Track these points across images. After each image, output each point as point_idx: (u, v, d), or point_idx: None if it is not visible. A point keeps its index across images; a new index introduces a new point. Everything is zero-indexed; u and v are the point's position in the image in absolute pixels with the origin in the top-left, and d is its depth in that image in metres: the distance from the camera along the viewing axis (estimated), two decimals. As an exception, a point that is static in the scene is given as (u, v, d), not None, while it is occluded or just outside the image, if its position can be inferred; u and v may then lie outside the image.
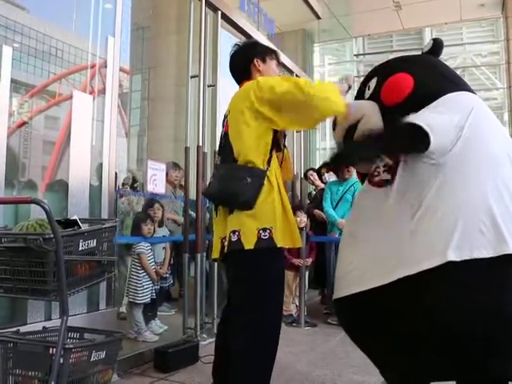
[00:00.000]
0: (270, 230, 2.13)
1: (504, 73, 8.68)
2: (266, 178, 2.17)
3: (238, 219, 2.16)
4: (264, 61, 2.46)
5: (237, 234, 2.15)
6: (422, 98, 1.92)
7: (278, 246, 2.14)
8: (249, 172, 2.16)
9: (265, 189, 2.16)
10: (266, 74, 2.43)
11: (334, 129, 2.26)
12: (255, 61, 2.44)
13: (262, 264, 2.16)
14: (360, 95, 2.24)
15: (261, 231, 2.11)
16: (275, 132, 2.24)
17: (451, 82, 2.03)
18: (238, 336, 2.18)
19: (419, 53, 2.34)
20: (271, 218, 2.14)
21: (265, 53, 2.49)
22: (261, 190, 2.15)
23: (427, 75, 2.03)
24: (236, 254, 2.17)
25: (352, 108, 2.10)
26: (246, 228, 2.14)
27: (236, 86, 2.54)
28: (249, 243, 2.11)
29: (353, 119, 2.07)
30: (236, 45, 2.56)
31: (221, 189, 2.25)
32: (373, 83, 2.15)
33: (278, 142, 2.32)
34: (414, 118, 1.79)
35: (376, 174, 2.03)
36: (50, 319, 2.72)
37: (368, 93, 2.16)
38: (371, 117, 2.03)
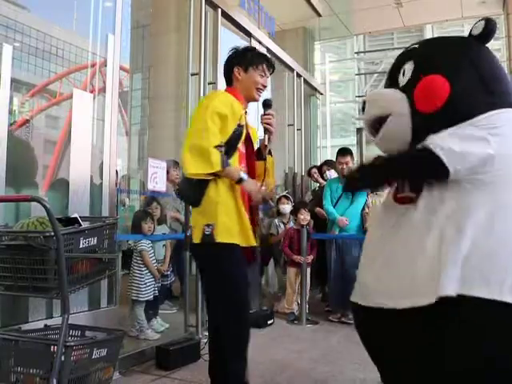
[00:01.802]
0: (213, 226, 2.24)
1: (506, 70, 8.67)
2: (212, 179, 2.26)
3: (193, 216, 2.40)
4: (246, 70, 2.46)
5: (191, 229, 2.38)
6: (454, 114, 1.72)
7: (217, 241, 2.23)
8: None
9: (211, 188, 2.28)
10: (246, 84, 2.46)
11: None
12: (235, 69, 2.47)
13: (210, 258, 2.31)
14: (393, 81, 1.96)
15: (205, 227, 2.26)
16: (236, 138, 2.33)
17: (491, 94, 1.76)
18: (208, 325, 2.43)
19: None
20: (214, 215, 2.26)
21: (249, 63, 2.46)
22: (206, 189, 2.28)
23: (465, 82, 1.76)
24: (192, 248, 2.42)
25: None
26: (196, 224, 2.33)
27: None
28: (196, 238, 2.29)
29: (380, 113, 1.89)
30: (232, 49, 2.58)
31: (180, 188, 2.50)
32: (408, 69, 1.88)
33: (261, 153, 2.50)
34: (434, 141, 1.64)
35: (400, 189, 1.85)
36: (52, 317, 2.72)
37: (402, 80, 1.89)
38: (399, 118, 1.82)
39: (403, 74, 1.91)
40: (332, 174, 5.51)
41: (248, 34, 5.06)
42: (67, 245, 2.06)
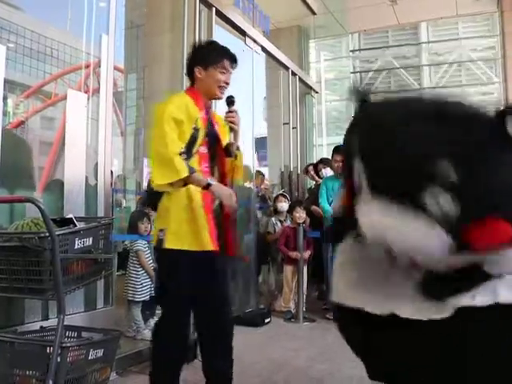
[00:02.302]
0: (164, 232, 2.26)
1: (500, 67, 8.68)
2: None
3: (154, 219, 2.46)
4: (206, 69, 2.40)
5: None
6: None
7: (166, 247, 2.24)
8: None
9: (165, 193, 2.30)
10: (206, 83, 2.41)
11: None
12: (196, 69, 2.42)
13: (161, 261, 2.36)
14: (415, 200, 1.29)
15: (159, 232, 2.29)
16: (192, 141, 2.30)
17: None
18: None
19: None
20: (166, 220, 2.28)
21: (208, 61, 2.40)
22: (161, 194, 2.31)
23: None
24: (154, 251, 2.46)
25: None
26: (155, 227, 2.39)
27: (232, 82, 2.53)
28: (154, 241, 2.34)
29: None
30: (192, 47, 2.58)
31: (147, 192, 2.52)
32: (445, 201, 1.24)
33: (228, 150, 2.48)
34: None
35: None
36: (48, 318, 2.71)
37: (435, 209, 1.25)
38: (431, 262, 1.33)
39: (437, 203, 1.28)
40: (328, 172, 5.52)
41: (242, 32, 5.05)
42: (62, 245, 2.05)
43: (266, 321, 4.60)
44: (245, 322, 4.48)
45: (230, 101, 2.49)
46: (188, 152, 2.27)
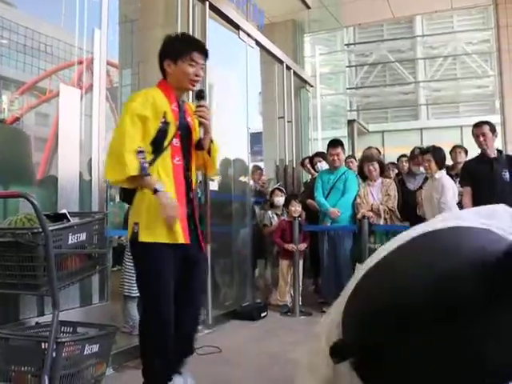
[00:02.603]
0: (139, 225, 2.29)
1: (495, 60, 8.68)
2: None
3: (129, 213, 2.44)
4: (175, 63, 2.39)
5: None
6: None
7: (140, 240, 2.27)
8: None
9: (139, 187, 2.31)
10: (177, 76, 2.41)
11: None
12: (165, 63, 2.44)
13: (137, 255, 2.36)
14: None
15: (134, 225, 2.30)
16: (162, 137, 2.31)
17: None
18: None
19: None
20: (140, 214, 2.30)
21: (177, 54, 2.39)
22: (135, 189, 2.33)
23: None
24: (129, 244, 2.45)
25: None
26: (130, 221, 2.37)
27: (227, 77, 2.53)
28: (129, 235, 2.34)
29: None
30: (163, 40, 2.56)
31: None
32: None
33: (201, 143, 2.48)
34: None
35: None
36: (43, 314, 2.71)
37: None
38: None
39: None
40: (323, 165, 5.52)
41: (236, 26, 5.04)
42: (56, 241, 2.04)
43: (263, 315, 4.61)
44: (241, 316, 4.50)
45: (200, 95, 2.50)
46: (159, 145, 2.31)
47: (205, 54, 2.46)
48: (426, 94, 13.32)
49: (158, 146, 2.30)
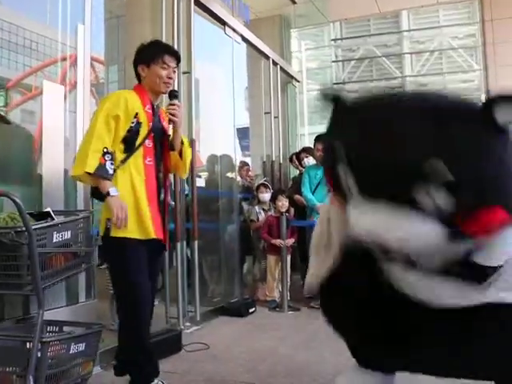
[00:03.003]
0: (111, 221, 2.31)
1: (480, 55, 8.74)
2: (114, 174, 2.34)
3: (101, 210, 2.45)
4: (148, 66, 2.53)
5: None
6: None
7: (112, 235, 2.31)
8: None
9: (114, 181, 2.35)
10: (150, 79, 2.54)
11: None
12: (139, 68, 2.56)
13: (109, 250, 2.40)
14: (402, 192, 1.35)
15: (107, 221, 2.34)
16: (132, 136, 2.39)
17: None
18: None
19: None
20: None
21: (149, 58, 2.53)
22: None
23: None
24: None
25: None
26: (102, 217, 2.41)
27: (213, 72, 2.56)
28: (101, 230, 2.37)
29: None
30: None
31: None
32: (441, 195, 1.29)
33: (171, 143, 2.60)
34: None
35: None
36: (29, 314, 2.68)
37: (427, 203, 1.31)
38: (425, 252, 1.41)
39: (430, 199, 1.30)
40: (310, 161, 5.52)
41: (222, 22, 5.01)
42: (40, 240, 2.03)
43: (251, 310, 4.61)
44: (229, 312, 4.50)
45: (174, 94, 2.60)
46: (130, 145, 2.38)
47: (176, 57, 2.59)
48: (412, 88, 13.33)
49: (129, 145, 2.38)
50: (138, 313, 2.39)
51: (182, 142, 2.65)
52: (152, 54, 2.54)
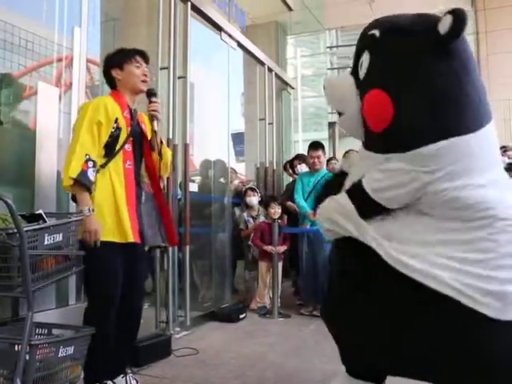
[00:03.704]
0: None
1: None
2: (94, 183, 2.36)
3: None
4: (121, 68, 2.57)
5: None
6: (394, 140, 1.74)
7: None
8: None
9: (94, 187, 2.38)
10: (127, 80, 2.57)
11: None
12: (113, 72, 2.58)
13: (89, 253, 2.34)
14: (355, 67, 1.95)
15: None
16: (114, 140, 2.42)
17: (436, 121, 1.69)
18: None
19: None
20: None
21: (121, 60, 2.57)
22: None
23: (410, 106, 1.70)
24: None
25: None
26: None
27: (208, 77, 2.58)
28: (80, 233, 2.34)
29: (335, 107, 2.06)
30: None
31: None
32: (365, 64, 1.87)
33: (151, 143, 2.61)
34: (365, 180, 1.81)
35: None
36: (18, 316, 2.67)
37: (361, 73, 1.89)
38: (352, 119, 1.93)
39: (361, 66, 1.89)
40: (303, 168, 5.53)
41: (218, 27, 5.03)
42: (31, 242, 2.01)
43: (241, 316, 4.61)
44: (220, 318, 4.49)
45: (152, 93, 2.65)
46: (111, 150, 2.42)
47: (145, 58, 2.63)
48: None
49: (110, 150, 2.42)
50: (105, 314, 2.42)
51: (161, 142, 2.69)
52: (123, 55, 2.58)
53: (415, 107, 1.70)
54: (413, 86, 1.71)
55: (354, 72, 1.94)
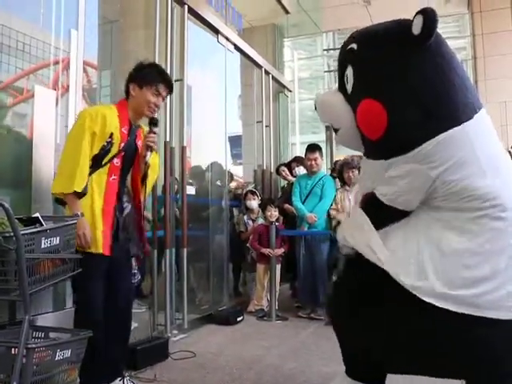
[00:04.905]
0: None
1: (471, 68, 8.82)
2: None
3: None
4: (140, 88, 2.55)
5: None
6: (393, 145, 1.78)
7: None
8: None
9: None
10: (138, 101, 2.56)
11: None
12: (131, 85, 2.57)
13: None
14: (341, 83, 1.99)
15: None
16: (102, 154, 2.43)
17: (429, 119, 1.74)
18: None
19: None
20: None
21: (144, 80, 2.55)
22: None
23: (402, 110, 1.75)
24: None
25: None
26: None
27: (205, 79, 2.58)
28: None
29: (330, 124, 2.06)
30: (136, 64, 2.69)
31: None
32: (350, 76, 1.91)
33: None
34: (379, 190, 1.84)
35: None
36: (15, 319, 2.66)
37: (348, 87, 1.92)
38: (349, 131, 1.95)
39: (347, 81, 1.92)
40: (301, 170, 5.54)
41: (215, 30, 5.03)
42: (28, 245, 2.01)
43: (239, 319, 4.60)
44: (217, 320, 4.49)
45: (153, 122, 2.61)
46: (98, 162, 2.42)
47: (169, 87, 2.63)
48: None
49: (97, 162, 2.41)
50: (89, 317, 2.45)
51: (147, 174, 2.67)
52: (148, 77, 2.55)
53: (407, 108, 1.75)
54: (401, 88, 1.76)
55: (341, 87, 1.98)
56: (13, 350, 2.02)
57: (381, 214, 1.85)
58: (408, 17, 1.95)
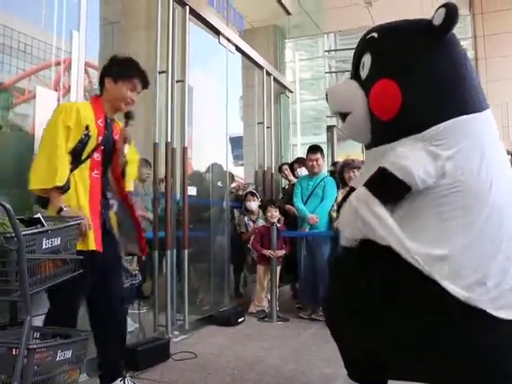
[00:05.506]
0: None
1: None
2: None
3: None
4: (115, 82, 2.51)
5: None
6: (406, 125, 1.80)
7: None
8: None
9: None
10: (113, 95, 2.53)
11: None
12: (106, 79, 2.54)
13: None
14: (355, 70, 2.03)
15: None
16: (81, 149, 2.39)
17: (443, 102, 1.79)
18: None
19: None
20: None
21: (120, 75, 2.51)
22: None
23: (417, 90, 1.80)
24: None
25: None
26: None
27: (206, 80, 2.57)
28: None
29: (341, 110, 2.06)
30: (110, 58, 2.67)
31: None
32: (367, 63, 1.95)
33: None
34: (390, 160, 1.79)
35: None
36: (16, 320, 2.65)
37: (363, 73, 1.97)
38: (358, 118, 1.96)
39: (363, 67, 1.97)
40: (303, 171, 5.54)
41: (216, 31, 5.04)
42: (29, 246, 2.00)
43: (240, 320, 4.60)
44: (218, 321, 4.48)
45: (130, 116, 2.58)
46: (77, 156, 2.38)
47: (144, 83, 2.60)
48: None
49: (76, 157, 2.38)
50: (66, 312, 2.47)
51: (127, 162, 2.63)
52: (124, 71, 2.53)
53: (422, 90, 1.80)
54: (417, 70, 1.82)
55: (355, 75, 2.02)
56: (14, 350, 2.02)
57: (389, 190, 1.81)
58: (409, 18, 2.03)
